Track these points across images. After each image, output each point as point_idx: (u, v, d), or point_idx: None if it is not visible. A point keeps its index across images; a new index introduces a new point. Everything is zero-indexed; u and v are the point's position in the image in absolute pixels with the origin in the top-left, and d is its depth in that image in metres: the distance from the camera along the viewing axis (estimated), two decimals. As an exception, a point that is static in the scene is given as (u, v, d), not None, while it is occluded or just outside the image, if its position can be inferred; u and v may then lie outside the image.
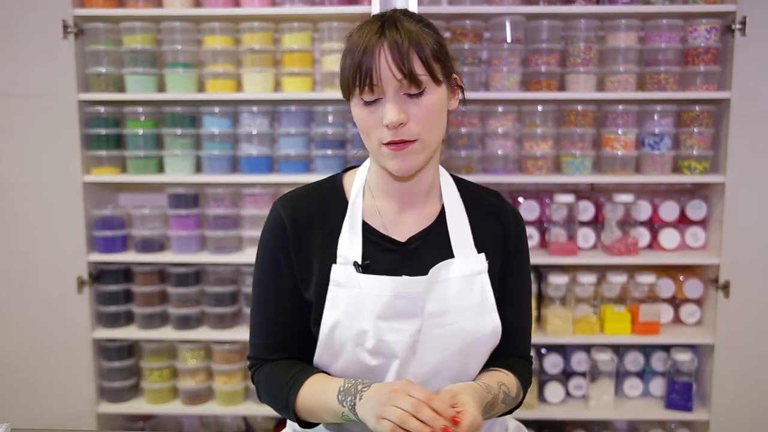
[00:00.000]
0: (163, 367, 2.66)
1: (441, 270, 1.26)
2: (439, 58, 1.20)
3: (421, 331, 1.24)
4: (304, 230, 1.30)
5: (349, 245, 1.28)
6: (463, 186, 1.39)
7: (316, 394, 1.22)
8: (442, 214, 1.33)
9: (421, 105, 1.18)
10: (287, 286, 1.30)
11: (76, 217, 2.54)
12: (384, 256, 1.29)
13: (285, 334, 1.31)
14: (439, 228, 1.32)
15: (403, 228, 1.31)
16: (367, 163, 1.36)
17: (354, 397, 1.14)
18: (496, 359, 1.34)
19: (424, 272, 1.25)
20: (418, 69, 1.16)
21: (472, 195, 1.37)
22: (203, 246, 2.66)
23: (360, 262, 1.26)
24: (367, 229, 1.30)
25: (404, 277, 1.24)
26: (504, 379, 1.27)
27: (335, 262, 1.27)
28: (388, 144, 1.19)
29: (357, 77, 1.16)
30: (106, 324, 2.64)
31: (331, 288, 1.26)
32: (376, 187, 1.33)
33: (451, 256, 1.29)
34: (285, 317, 1.31)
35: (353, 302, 1.24)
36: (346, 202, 1.32)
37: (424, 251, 1.30)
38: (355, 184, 1.34)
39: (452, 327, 1.25)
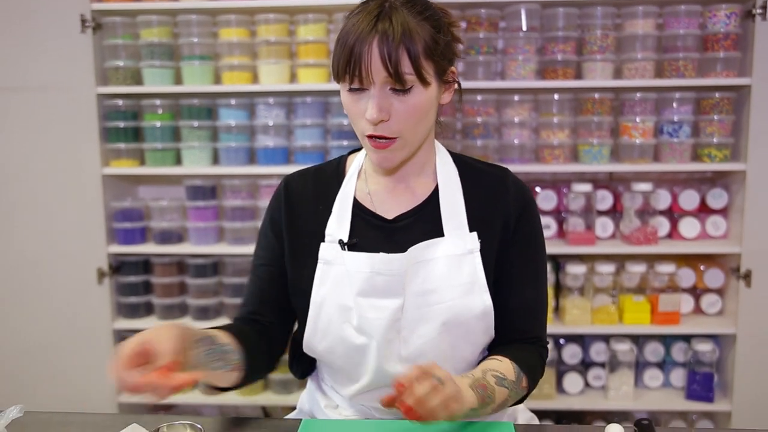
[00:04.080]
0: (182, 357, 2.68)
1: (426, 249, 1.25)
2: (432, 56, 1.16)
3: (405, 310, 1.23)
4: (298, 205, 1.33)
5: (338, 224, 1.29)
6: (462, 163, 1.36)
7: None
8: (436, 192, 1.31)
9: (406, 103, 1.16)
10: (275, 258, 1.33)
11: (95, 209, 2.57)
12: (371, 233, 1.29)
13: (265, 304, 1.34)
14: (430, 206, 1.30)
15: (393, 206, 1.31)
16: None
17: None
18: (497, 346, 1.31)
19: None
20: (406, 68, 1.13)
21: (470, 172, 1.34)
22: (221, 237, 2.68)
23: (345, 240, 1.27)
24: (357, 207, 1.31)
25: (381, 254, 1.24)
26: (492, 365, 1.22)
27: (324, 240, 1.29)
28: (370, 137, 1.19)
29: (346, 66, 1.14)
30: (126, 315, 2.67)
31: (319, 266, 1.28)
32: (370, 167, 1.34)
33: (441, 234, 1.27)
34: (265, 284, 1.34)
35: (339, 280, 1.26)
36: (342, 182, 1.34)
37: (413, 229, 1.28)
38: (355, 164, 1.35)
39: (437, 307, 1.23)
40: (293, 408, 1.54)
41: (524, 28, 2.49)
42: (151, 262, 2.69)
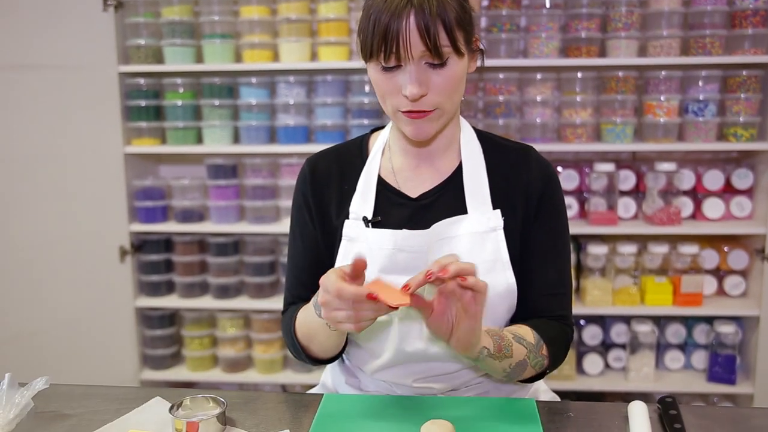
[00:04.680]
0: (203, 335, 2.71)
1: (449, 226, 1.25)
2: (462, 25, 1.15)
3: (427, 286, 1.23)
4: (323, 184, 1.33)
5: (362, 201, 1.29)
6: (486, 140, 1.35)
7: (306, 315, 1.23)
8: (460, 169, 1.30)
9: (443, 75, 1.15)
10: (312, 239, 1.34)
11: (117, 188, 2.59)
12: (395, 211, 1.28)
13: (310, 285, 1.32)
14: (454, 183, 1.29)
15: (417, 184, 1.30)
16: (390, 123, 1.36)
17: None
18: (518, 320, 1.30)
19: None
20: (443, 40, 1.12)
21: (494, 148, 1.33)
22: (242, 216, 2.69)
23: (369, 218, 1.27)
24: (381, 184, 1.31)
25: (404, 231, 1.24)
26: (509, 328, 1.22)
27: (348, 218, 1.29)
28: (405, 112, 1.18)
29: (381, 44, 1.12)
30: (148, 293, 2.70)
31: (343, 243, 1.29)
32: (395, 144, 1.33)
33: (465, 211, 1.27)
34: (311, 269, 1.34)
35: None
36: (366, 160, 1.34)
37: (437, 207, 1.28)
38: (378, 142, 1.35)
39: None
40: (312, 386, 1.55)
41: (547, 5, 2.46)
42: (172, 241, 2.71)
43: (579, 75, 2.51)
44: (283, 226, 2.60)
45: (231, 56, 2.57)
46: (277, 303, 2.63)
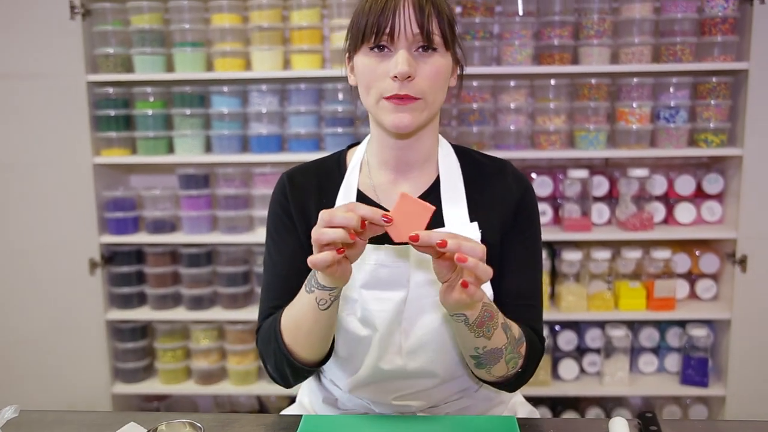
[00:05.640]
0: (176, 347, 2.67)
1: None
2: (452, 27, 1.21)
3: (408, 301, 1.23)
4: (302, 195, 1.32)
5: None
6: (463, 155, 1.36)
7: (292, 306, 1.20)
8: (437, 183, 1.31)
9: (431, 64, 1.18)
10: (294, 250, 1.31)
11: (87, 199, 2.54)
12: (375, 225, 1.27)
13: (291, 297, 1.28)
14: (432, 197, 1.29)
15: (396, 198, 1.29)
16: (367, 138, 1.36)
17: (312, 275, 1.14)
18: None
19: None
20: (435, 29, 1.17)
21: (472, 163, 1.34)
22: (214, 226, 2.65)
23: None
24: (361, 199, 1.30)
25: (386, 246, 1.24)
26: (504, 317, 1.19)
27: None
28: (390, 98, 1.18)
29: (377, 21, 1.16)
30: (119, 305, 2.65)
31: None
32: (374, 157, 1.33)
33: (443, 225, 1.27)
34: (291, 281, 1.29)
35: None
36: (344, 174, 1.33)
37: None
38: (356, 157, 1.35)
39: (438, 298, 1.21)
40: (288, 398, 1.53)
41: (520, 12, 2.47)
42: (143, 252, 2.66)
43: (552, 82, 2.52)
44: (257, 235, 2.57)
45: (202, 65, 2.54)
46: (251, 314, 2.60)
